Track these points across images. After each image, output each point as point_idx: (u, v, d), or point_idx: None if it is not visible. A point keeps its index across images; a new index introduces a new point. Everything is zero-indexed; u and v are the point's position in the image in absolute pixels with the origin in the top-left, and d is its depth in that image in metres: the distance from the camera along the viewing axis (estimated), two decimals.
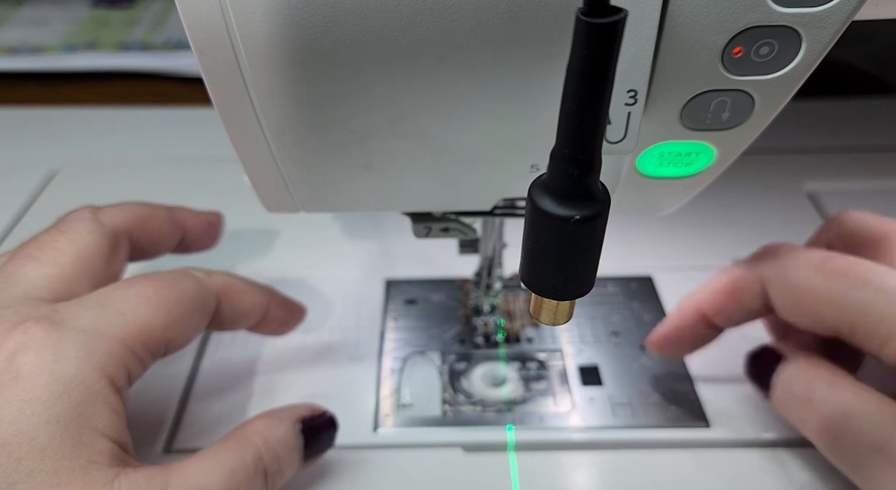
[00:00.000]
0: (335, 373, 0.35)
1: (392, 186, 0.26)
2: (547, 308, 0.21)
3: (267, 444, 0.27)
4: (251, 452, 0.26)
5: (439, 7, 0.19)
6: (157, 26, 0.69)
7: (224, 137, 0.24)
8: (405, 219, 0.30)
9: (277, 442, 0.27)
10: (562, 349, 0.36)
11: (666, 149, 0.24)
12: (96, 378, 0.24)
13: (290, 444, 0.28)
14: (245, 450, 0.26)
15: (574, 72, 0.16)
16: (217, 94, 0.22)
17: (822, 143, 0.51)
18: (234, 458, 0.26)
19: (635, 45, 0.20)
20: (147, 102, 0.59)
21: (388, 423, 0.33)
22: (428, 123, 0.23)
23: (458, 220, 0.29)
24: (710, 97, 0.22)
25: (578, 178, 0.18)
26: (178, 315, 0.27)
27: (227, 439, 0.27)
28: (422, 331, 0.38)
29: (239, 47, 0.21)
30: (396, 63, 0.21)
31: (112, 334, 0.25)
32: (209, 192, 0.47)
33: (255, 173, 0.26)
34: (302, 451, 0.28)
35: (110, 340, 0.25)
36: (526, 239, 0.20)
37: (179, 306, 0.27)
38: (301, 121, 0.23)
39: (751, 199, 0.46)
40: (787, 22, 0.20)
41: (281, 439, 0.28)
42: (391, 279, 0.41)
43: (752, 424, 0.32)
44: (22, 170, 0.50)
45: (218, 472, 0.25)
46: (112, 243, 0.30)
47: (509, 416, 0.33)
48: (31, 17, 0.71)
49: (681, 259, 0.42)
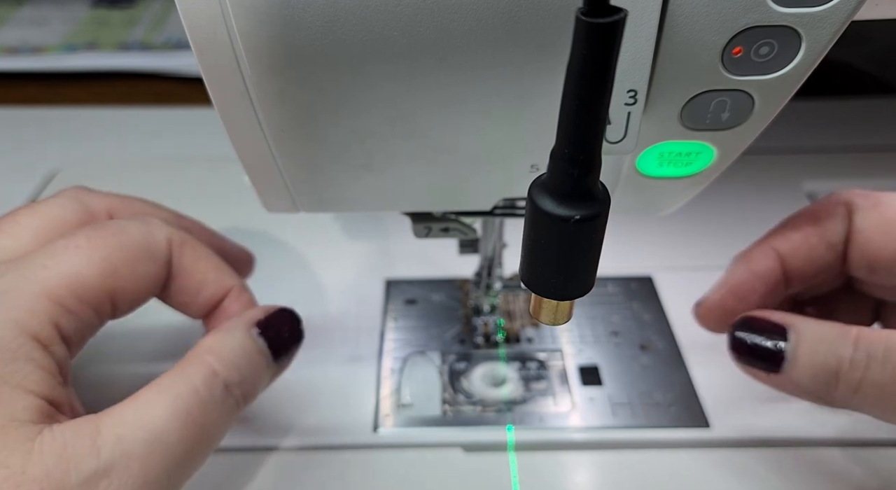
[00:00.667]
0: (335, 373, 0.35)
1: (392, 186, 0.26)
2: (547, 308, 0.21)
3: (221, 357, 0.25)
4: (200, 371, 0.24)
5: (439, 7, 0.19)
6: (157, 26, 0.69)
7: (224, 137, 0.24)
8: (405, 219, 0.30)
9: (233, 351, 0.25)
10: (562, 349, 0.36)
11: (666, 149, 0.24)
12: (13, 336, 0.23)
13: (250, 350, 0.26)
14: (192, 370, 0.24)
15: (574, 72, 0.16)
16: (217, 94, 0.22)
17: (822, 143, 0.51)
18: (178, 381, 0.24)
19: (635, 45, 0.20)
20: (147, 102, 0.59)
21: (388, 423, 0.33)
22: (428, 123, 0.23)
23: (458, 220, 0.29)
24: (710, 97, 0.22)
25: (578, 178, 0.18)
26: (117, 261, 0.25)
27: (173, 368, 0.25)
28: (422, 331, 0.38)
29: (239, 47, 0.21)
30: (396, 63, 0.21)
31: (31, 290, 0.24)
32: (209, 192, 0.47)
33: (255, 173, 0.26)
34: (268, 354, 0.27)
35: (28, 296, 0.24)
36: (526, 239, 0.20)
37: (120, 252, 0.26)
38: (301, 121, 0.23)
39: (751, 199, 0.46)
40: (787, 22, 0.20)
41: (237, 347, 0.26)
42: (391, 279, 0.41)
43: (752, 424, 0.32)
44: (22, 170, 0.50)
45: (161, 401, 0.23)
46: (83, 220, 0.29)
47: (509, 416, 0.33)
48: (31, 17, 0.71)
49: (681, 259, 0.42)
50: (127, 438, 0.22)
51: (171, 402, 0.23)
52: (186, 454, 0.23)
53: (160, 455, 0.23)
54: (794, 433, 0.32)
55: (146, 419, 0.23)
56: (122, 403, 0.23)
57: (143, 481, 0.22)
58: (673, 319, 0.37)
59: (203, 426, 0.24)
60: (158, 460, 0.23)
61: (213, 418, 0.24)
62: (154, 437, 0.23)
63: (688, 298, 0.39)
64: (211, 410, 0.24)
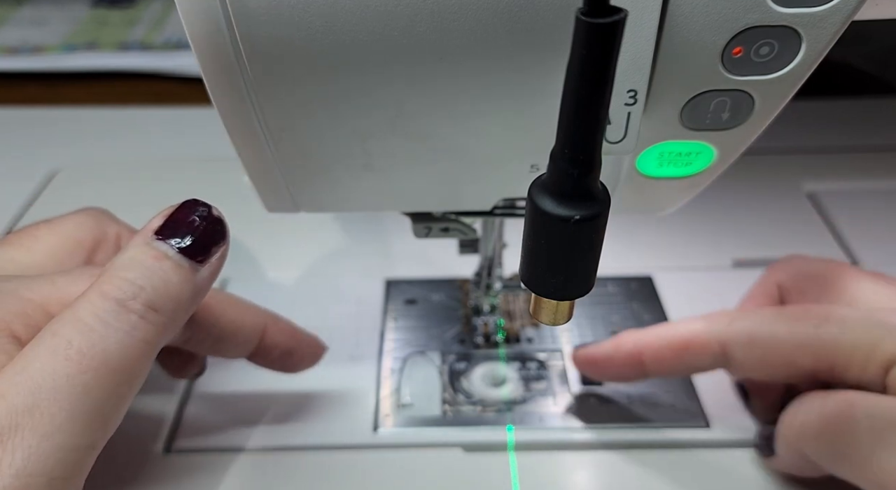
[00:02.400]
0: (335, 373, 0.35)
1: (392, 186, 0.26)
2: (547, 308, 0.21)
3: (110, 276, 0.22)
4: (86, 300, 0.22)
5: (439, 7, 0.19)
6: (157, 26, 0.69)
7: (224, 137, 0.24)
8: (405, 219, 0.30)
9: (124, 267, 0.22)
10: (562, 349, 0.36)
11: (666, 149, 0.24)
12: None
13: (144, 259, 0.23)
14: (79, 303, 0.22)
15: (574, 72, 0.16)
16: (217, 94, 0.22)
17: (822, 143, 0.51)
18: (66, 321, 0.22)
19: (635, 45, 0.20)
20: (147, 102, 0.59)
21: (388, 423, 0.33)
22: (428, 123, 0.23)
23: (458, 220, 0.29)
24: (710, 97, 0.22)
25: (578, 178, 0.18)
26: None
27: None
28: (422, 331, 0.38)
29: (239, 47, 0.21)
30: (396, 63, 0.21)
31: (28, 298, 0.24)
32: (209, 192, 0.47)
33: (255, 173, 0.26)
34: (176, 257, 0.23)
35: (20, 300, 0.24)
36: (526, 239, 0.20)
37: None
38: (301, 120, 0.23)
39: (751, 199, 0.46)
40: (787, 22, 0.20)
41: (127, 261, 0.23)
42: (391, 279, 0.41)
43: (752, 424, 0.32)
44: (22, 170, 0.50)
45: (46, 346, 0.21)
46: (98, 241, 0.29)
47: (509, 416, 0.33)
48: (31, 17, 0.71)
49: (681, 259, 0.42)
50: (11, 394, 0.21)
51: (60, 347, 0.21)
52: (94, 392, 0.21)
53: (54, 403, 0.21)
54: None
55: (31, 369, 0.21)
56: (12, 361, 0.22)
57: (41, 435, 0.20)
58: (673, 319, 0.37)
59: (104, 355, 0.21)
60: (56, 408, 0.21)
61: (113, 344, 0.22)
62: (41, 386, 0.21)
63: (688, 298, 0.39)
64: (108, 336, 0.22)
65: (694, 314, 0.30)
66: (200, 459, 0.31)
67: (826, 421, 0.26)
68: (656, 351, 0.30)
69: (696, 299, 0.38)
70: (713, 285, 0.39)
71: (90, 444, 0.22)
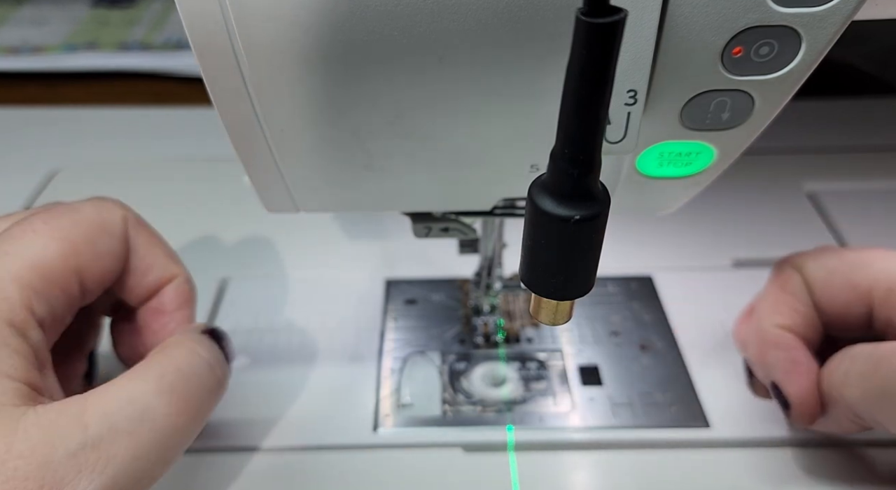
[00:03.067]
0: (335, 373, 0.35)
1: (392, 186, 0.26)
2: (547, 308, 0.21)
3: (199, 340, 0.27)
4: (182, 351, 0.26)
5: (439, 7, 0.19)
6: (157, 26, 0.69)
7: (224, 137, 0.24)
8: (405, 219, 0.30)
9: (204, 341, 0.27)
10: (562, 349, 0.36)
11: (666, 149, 0.24)
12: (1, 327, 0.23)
13: (214, 345, 0.28)
14: (174, 351, 0.26)
15: (574, 72, 0.16)
16: (217, 94, 0.22)
17: (822, 143, 0.51)
18: (162, 361, 0.25)
19: (635, 45, 0.20)
20: (147, 102, 0.59)
21: (388, 423, 0.33)
22: (428, 123, 0.23)
23: (458, 220, 0.29)
24: (710, 97, 0.22)
25: (578, 178, 0.18)
26: (77, 239, 0.26)
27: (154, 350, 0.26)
28: (422, 331, 0.38)
29: (239, 47, 0.21)
30: (396, 63, 0.21)
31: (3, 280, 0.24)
32: (209, 192, 0.47)
33: (255, 173, 0.26)
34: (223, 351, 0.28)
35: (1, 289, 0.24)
36: (526, 239, 0.20)
37: (77, 229, 0.26)
38: (301, 121, 0.23)
39: (751, 199, 0.46)
40: (787, 22, 0.20)
41: (206, 339, 0.27)
42: (391, 279, 0.41)
43: (752, 424, 0.32)
44: (22, 170, 0.50)
45: (147, 379, 0.24)
46: None
47: (509, 416, 0.33)
48: (31, 17, 0.71)
49: (681, 259, 0.42)
50: (114, 414, 0.23)
51: (157, 380, 0.24)
52: (174, 429, 0.24)
53: (147, 430, 0.23)
54: (794, 433, 0.32)
55: (133, 396, 0.23)
56: (108, 383, 0.24)
57: (132, 455, 0.23)
58: (673, 319, 0.37)
59: (188, 401, 0.25)
60: (146, 435, 0.23)
61: (197, 394, 0.25)
62: (140, 413, 0.23)
63: (688, 298, 0.39)
64: (195, 386, 0.25)
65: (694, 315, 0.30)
66: (200, 459, 0.31)
67: (876, 363, 0.26)
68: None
69: (696, 299, 0.38)
70: (713, 285, 0.39)
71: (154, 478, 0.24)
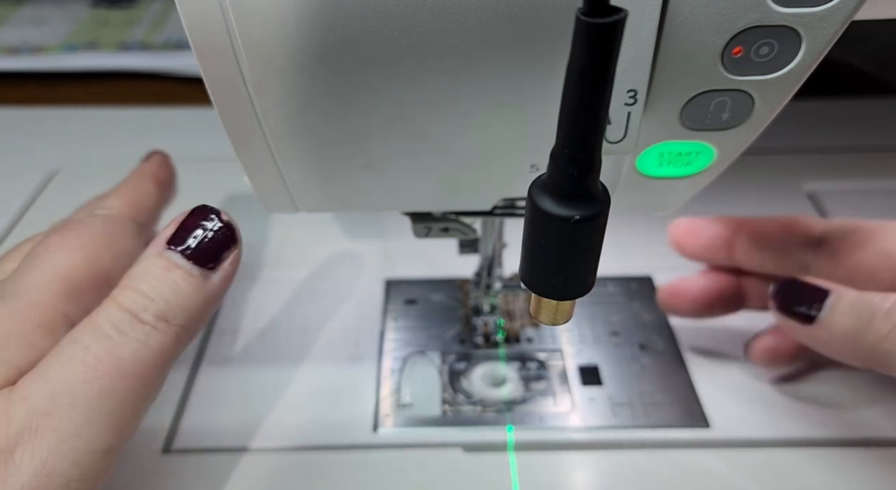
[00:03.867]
0: (335, 373, 0.35)
1: (392, 186, 0.26)
2: (547, 308, 0.21)
3: (125, 288, 0.24)
4: (103, 311, 0.23)
5: (439, 7, 0.19)
6: (157, 26, 0.69)
7: (224, 137, 0.24)
8: (405, 219, 0.30)
9: (137, 278, 0.24)
10: (562, 349, 0.36)
11: (666, 149, 0.24)
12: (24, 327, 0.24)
13: (155, 270, 0.24)
14: (97, 313, 0.24)
15: (574, 72, 0.16)
16: (217, 94, 0.22)
17: (822, 143, 0.51)
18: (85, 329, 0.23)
19: (635, 45, 0.20)
20: (146, 102, 0.59)
21: (388, 423, 0.33)
22: (428, 123, 0.23)
23: (458, 220, 0.29)
24: (710, 97, 0.22)
25: (578, 178, 0.18)
26: (96, 246, 0.27)
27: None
28: (422, 331, 0.38)
29: (239, 47, 0.21)
30: (396, 63, 0.21)
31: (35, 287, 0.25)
32: (209, 192, 0.47)
33: (255, 173, 0.26)
34: (189, 265, 0.24)
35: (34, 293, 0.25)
36: (526, 239, 0.20)
37: (92, 238, 0.27)
38: (301, 121, 0.23)
39: (751, 199, 0.46)
40: (787, 22, 0.20)
41: (140, 273, 0.24)
42: (391, 279, 0.41)
43: (752, 424, 0.32)
44: (22, 170, 0.50)
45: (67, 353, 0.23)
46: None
47: (509, 416, 0.33)
48: (31, 17, 0.71)
49: (681, 259, 0.41)
50: (33, 397, 0.22)
51: (78, 352, 0.22)
52: (110, 397, 0.22)
53: (72, 406, 0.22)
54: (794, 433, 0.32)
55: (51, 373, 0.22)
56: (37, 365, 0.23)
57: (58, 437, 0.21)
58: (673, 319, 0.37)
59: (118, 361, 0.23)
60: (74, 412, 0.22)
61: (127, 354, 0.23)
62: (60, 390, 0.22)
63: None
64: (122, 344, 0.23)
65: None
66: (199, 460, 0.31)
67: None
68: (759, 225, 0.32)
69: None
70: None
71: (107, 448, 0.23)
